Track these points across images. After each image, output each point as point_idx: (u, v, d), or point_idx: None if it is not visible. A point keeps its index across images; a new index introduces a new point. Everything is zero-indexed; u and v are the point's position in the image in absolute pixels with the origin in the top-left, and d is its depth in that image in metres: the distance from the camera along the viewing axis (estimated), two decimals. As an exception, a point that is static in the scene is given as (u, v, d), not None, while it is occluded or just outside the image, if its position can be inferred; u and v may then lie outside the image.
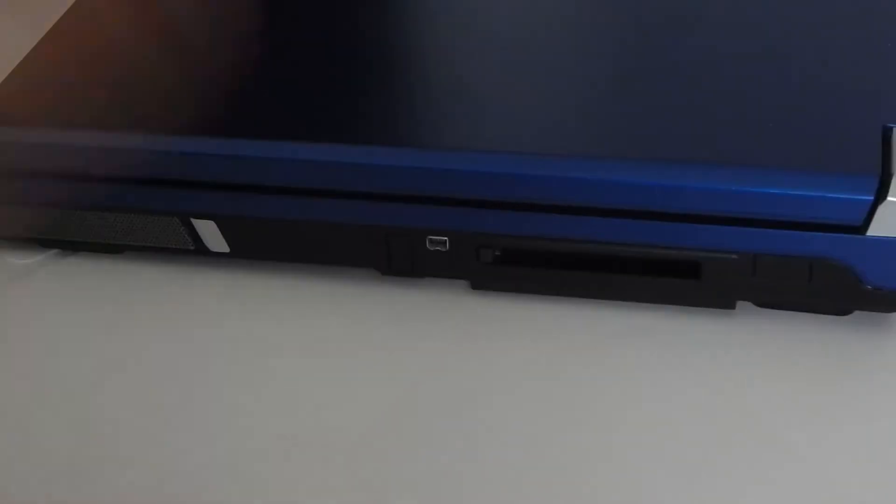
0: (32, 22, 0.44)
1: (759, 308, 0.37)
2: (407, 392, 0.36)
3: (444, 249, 0.37)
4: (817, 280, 0.35)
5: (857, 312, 0.36)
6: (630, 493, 0.32)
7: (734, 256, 0.35)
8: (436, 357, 0.37)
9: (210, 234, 0.39)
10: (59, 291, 0.40)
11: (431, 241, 0.37)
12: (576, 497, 0.32)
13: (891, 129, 0.35)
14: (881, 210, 0.33)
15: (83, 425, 0.35)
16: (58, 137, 0.38)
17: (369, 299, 0.39)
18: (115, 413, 0.36)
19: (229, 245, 0.39)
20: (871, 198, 0.33)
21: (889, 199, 0.33)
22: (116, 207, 0.39)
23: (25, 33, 0.43)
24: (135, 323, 0.39)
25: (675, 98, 0.37)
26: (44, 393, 0.37)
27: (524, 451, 0.34)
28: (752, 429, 0.34)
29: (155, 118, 0.38)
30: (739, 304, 0.37)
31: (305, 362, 0.37)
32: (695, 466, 0.33)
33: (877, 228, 0.33)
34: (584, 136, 0.37)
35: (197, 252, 0.40)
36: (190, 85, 0.40)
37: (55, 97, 0.40)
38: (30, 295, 0.40)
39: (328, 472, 0.33)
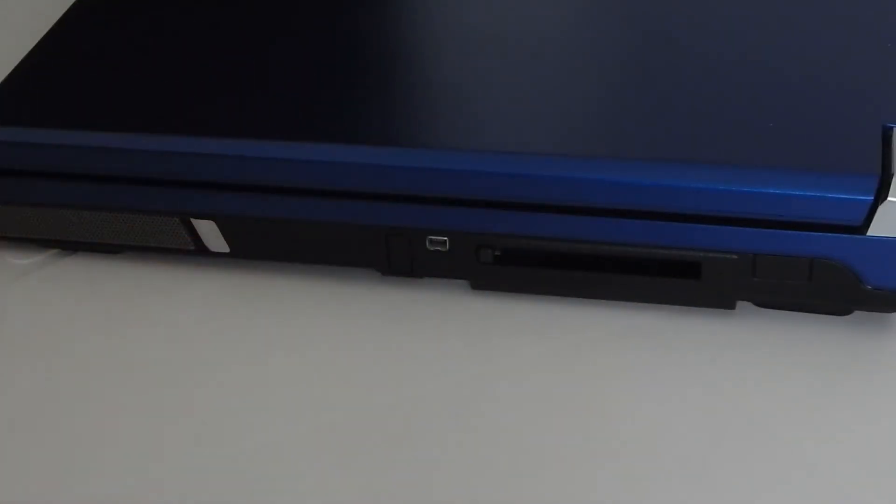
0: (32, 22, 0.44)
1: (759, 308, 0.37)
2: (407, 392, 0.36)
3: (444, 249, 0.37)
4: (817, 280, 0.35)
5: (857, 312, 0.36)
6: (630, 493, 0.32)
7: (734, 256, 0.35)
8: (436, 357, 0.37)
9: (210, 234, 0.39)
10: (59, 291, 0.40)
11: (431, 241, 0.37)
12: (575, 496, 0.32)
13: (891, 129, 0.35)
14: (881, 210, 0.33)
15: (81, 425, 0.35)
16: (58, 137, 0.38)
17: (369, 299, 0.39)
18: (113, 413, 0.36)
19: (229, 245, 0.39)
20: (871, 198, 0.33)
21: (889, 199, 0.33)
22: (116, 207, 0.39)
23: (25, 33, 0.43)
24: (135, 323, 0.39)
25: (675, 98, 0.37)
26: (43, 393, 0.37)
27: (524, 451, 0.34)
28: (751, 429, 0.34)
29: (155, 118, 0.38)
30: (739, 304, 0.37)
31: (306, 362, 0.37)
32: (694, 466, 0.33)
33: (877, 228, 0.33)
34: (585, 136, 0.37)
35: (197, 252, 0.40)
36: (190, 85, 0.40)
37: (55, 97, 0.40)
38: (30, 295, 0.40)
39: (328, 472, 0.33)
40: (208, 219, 0.38)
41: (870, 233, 0.33)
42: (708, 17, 0.41)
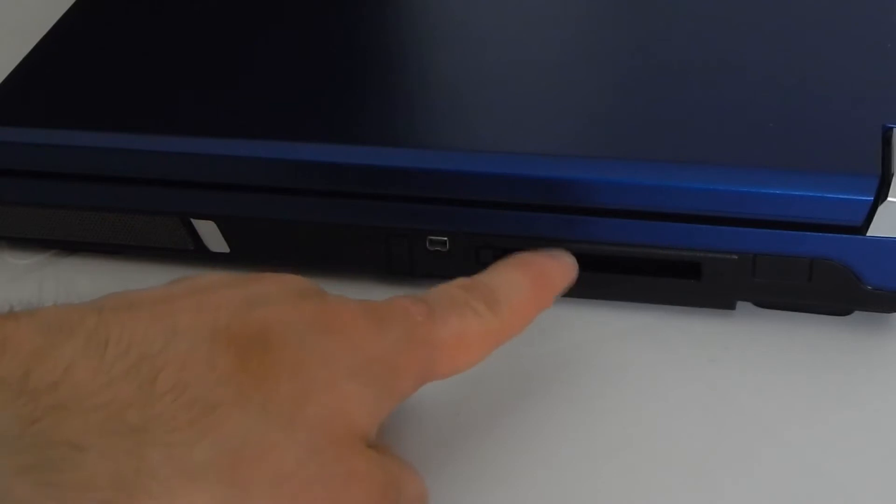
0: (32, 22, 0.44)
1: (759, 308, 0.37)
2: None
3: (444, 249, 0.37)
4: (817, 280, 0.35)
5: (857, 312, 0.36)
6: (629, 492, 0.32)
7: (734, 256, 0.35)
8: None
9: (210, 234, 0.39)
10: (59, 291, 0.40)
11: (431, 242, 0.37)
12: (575, 495, 0.32)
13: (891, 129, 0.35)
14: (881, 210, 0.33)
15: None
16: (58, 137, 0.38)
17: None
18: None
19: (229, 245, 0.39)
20: (871, 198, 0.33)
21: (889, 199, 0.33)
22: (116, 207, 0.39)
23: (25, 33, 0.43)
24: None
25: (676, 98, 0.37)
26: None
27: (522, 451, 0.34)
28: (751, 428, 0.34)
29: (155, 118, 0.38)
30: (739, 304, 0.37)
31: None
32: (693, 466, 0.33)
33: (877, 228, 0.33)
34: (584, 136, 0.37)
35: (197, 252, 0.40)
36: (190, 85, 0.40)
37: (55, 97, 0.40)
38: (30, 295, 0.40)
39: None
40: (208, 219, 0.38)
41: (870, 233, 0.33)
42: (708, 18, 0.41)
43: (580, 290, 0.37)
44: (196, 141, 0.37)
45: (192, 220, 0.39)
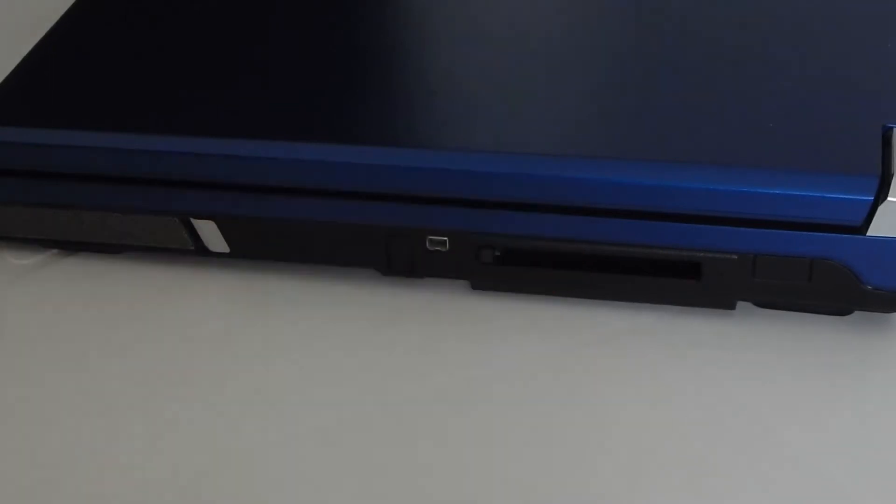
0: (32, 22, 0.44)
1: (759, 308, 0.37)
2: (407, 393, 0.36)
3: (444, 249, 0.37)
4: (817, 280, 0.35)
5: (857, 312, 0.36)
6: (629, 493, 0.32)
7: (734, 256, 0.35)
8: (436, 357, 0.36)
9: (210, 234, 0.39)
10: (59, 291, 0.40)
11: (431, 241, 0.37)
12: (574, 495, 0.32)
13: (891, 129, 0.35)
14: (881, 210, 0.33)
15: (79, 426, 0.35)
16: (58, 137, 0.38)
17: (369, 299, 0.39)
18: (112, 414, 0.36)
19: (229, 245, 0.39)
20: (871, 198, 0.33)
21: (889, 199, 0.33)
22: (116, 207, 0.39)
23: (25, 33, 0.43)
24: (135, 323, 0.39)
25: (675, 98, 0.37)
26: (42, 393, 0.37)
27: (524, 451, 0.34)
28: (751, 429, 0.34)
29: (155, 118, 0.38)
30: (739, 304, 0.37)
31: (305, 363, 0.37)
32: (693, 466, 0.33)
33: (877, 228, 0.33)
34: (584, 136, 0.37)
35: (197, 252, 0.40)
36: (190, 85, 0.40)
37: (55, 97, 0.40)
38: (30, 295, 0.40)
39: (324, 474, 0.33)
40: (208, 219, 0.38)
41: (870, 233, 0.33)
42: (708, 17, 0.41)
43: (580, 290, 0.38)
44: (196, 141, 0.37)
45: (192, 220, 0.39)
